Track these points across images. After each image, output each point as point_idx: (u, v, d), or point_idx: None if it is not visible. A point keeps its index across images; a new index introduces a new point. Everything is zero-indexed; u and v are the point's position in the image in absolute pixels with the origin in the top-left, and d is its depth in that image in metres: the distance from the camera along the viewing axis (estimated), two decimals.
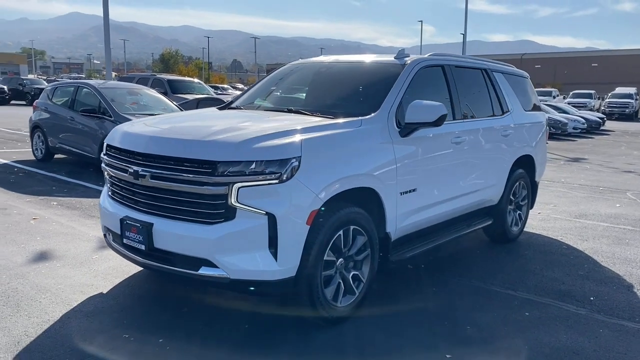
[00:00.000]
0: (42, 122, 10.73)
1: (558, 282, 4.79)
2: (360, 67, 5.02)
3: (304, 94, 5.05)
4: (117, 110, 9.29)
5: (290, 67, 5.52)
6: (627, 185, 10.34)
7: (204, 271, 3.35)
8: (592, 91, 41.29)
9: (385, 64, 4.75)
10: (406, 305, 4.16)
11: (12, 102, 32.69)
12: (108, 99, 9.56)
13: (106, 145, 4.06)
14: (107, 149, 4.04)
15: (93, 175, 9.10)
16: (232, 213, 3.29)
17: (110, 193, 4.06)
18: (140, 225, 3.55)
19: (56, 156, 10.84)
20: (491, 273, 4.97)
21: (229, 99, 7.15)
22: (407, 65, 4.52)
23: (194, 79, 20.21)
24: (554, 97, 38.51)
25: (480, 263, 5.34)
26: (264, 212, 3.26)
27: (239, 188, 3.24)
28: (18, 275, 4.46)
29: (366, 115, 4.03)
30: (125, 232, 3.69)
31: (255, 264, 3.30)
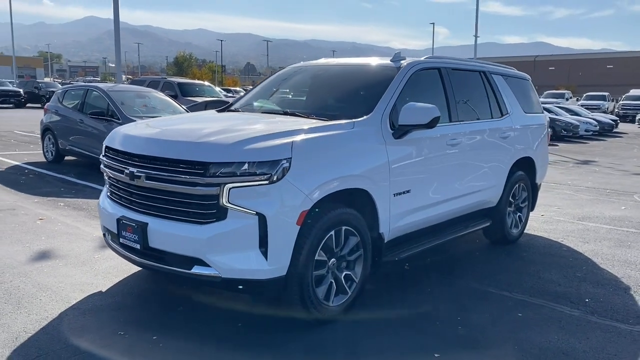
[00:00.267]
0: (53, 124, 10.93)
1: (554, 283, 4.79)
2: (357, 70, 5.07)
3: (302, 97, 5.12)
4: (124, 112, 9.44)
5: (290, 70, 5.59)
6: (635, 187, 10.25)
7: (197, 270, 3.43)
8: (606, 93, 40.84)
9: (381, 67, 4.79)
10: (399, 306, 4.19)
11: (28, 105, 33.20)
12: (117, 102, 9.71)
13: (105, 146, 4.16)
14: (105, 150, 4.14)
15: (101, 177, 9.07)
16: (223, 213, 3.36)
17: (109, 194, 4.15)
18: (135, 225, 3.64)
19: (66, 158, 11.03)
20: (488, 274, 4.99)
21: None
22: (402, 68, 4.57)
23: (204, 82, 20.38)
24: (567, 99, 38.17)
25: (479, 264, 5.35)
26: (255, 212, 3.32)
27: (230, 189, 3.31)
28: (21, 273, 4.58)
29: (360, 117, 4.09)
30: (122, 231, 3.78)
31: (246, 263, 3.37)
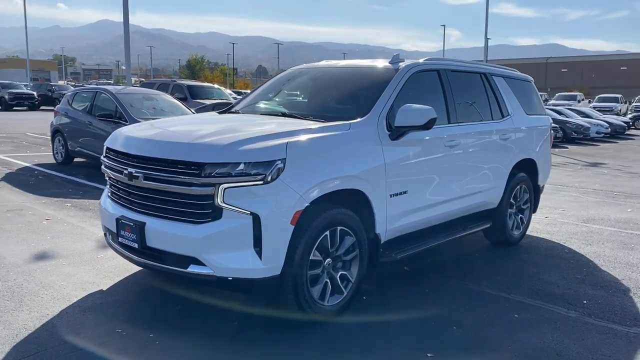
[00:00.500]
0: (62, 126, 11.08)
1: (553, 285, 4.78)
2: (357, 72, 5.11)
3: (301, 98, 5.17)
4: (132, 115, 9.55)
5: (292, 72, 5.63)
6: None
7: (193, 269, 3.48)
8: (619, 95, 40.42)
9: (379, 69, 4.83)
10: (396, 306, 4.22)
11: (42, 107, 33.64)
12: (125, 104, 9.84)
13: (106, 147, 4.23)
14: (106, 151, 4.21)
15: None
16: (218, 213, 3.41)
17: (109, 194, 4.23)
18: (133, 224, 3.70)
19: (75, 160, 11.17)
20: (487, 276, 4.99)
21: None
22: (399, 70, 4.59)
23: (214, 85, 20.55)
24: (579, 101, 37.88)
25: (478, 266, 5.36)
26: (249, 212, 3.37)
27: (225, 189, 3.37)
28: (25, 272, 4.67)
29: (357, 118, 4.12)
30: (121, 231, 3.85)
31: (241, 262, 3.41)
